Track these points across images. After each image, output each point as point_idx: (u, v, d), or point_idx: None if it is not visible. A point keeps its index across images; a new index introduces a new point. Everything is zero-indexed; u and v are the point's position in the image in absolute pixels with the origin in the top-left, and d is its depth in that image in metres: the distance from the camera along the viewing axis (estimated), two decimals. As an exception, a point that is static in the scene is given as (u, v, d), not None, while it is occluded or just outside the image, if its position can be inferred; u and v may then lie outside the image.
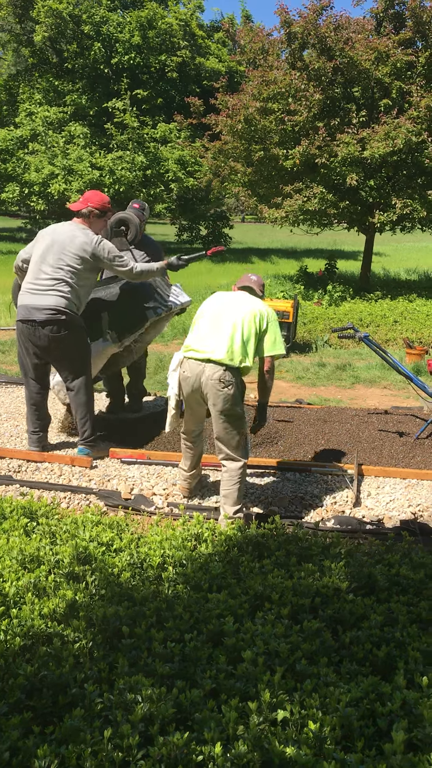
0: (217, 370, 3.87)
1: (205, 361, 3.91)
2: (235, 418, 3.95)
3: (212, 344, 3.94)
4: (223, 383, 3.86)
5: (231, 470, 3.99)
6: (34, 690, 2.17)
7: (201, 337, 4.01)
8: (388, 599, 2.88)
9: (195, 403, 4.08)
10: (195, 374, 3.93)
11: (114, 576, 2.98)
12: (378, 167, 13.23)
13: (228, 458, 4.01)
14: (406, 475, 4.76)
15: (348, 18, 13.46)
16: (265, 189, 14.54)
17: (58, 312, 4.66)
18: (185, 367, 4.00)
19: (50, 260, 4.73)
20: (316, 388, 7.98)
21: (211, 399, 3.90)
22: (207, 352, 3.92)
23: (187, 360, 4.00)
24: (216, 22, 30.28)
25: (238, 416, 3.97)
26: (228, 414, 3.91)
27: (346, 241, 33.02)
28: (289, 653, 2.38)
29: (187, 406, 4.17)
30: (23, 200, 24.03)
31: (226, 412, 3.90)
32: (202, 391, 3.94)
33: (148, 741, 1.96)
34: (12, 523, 3.57)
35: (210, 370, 3.88)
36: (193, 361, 3.95)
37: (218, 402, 3.88)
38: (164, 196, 24.05)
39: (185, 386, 4.03)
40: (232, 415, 3.93)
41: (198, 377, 3.92)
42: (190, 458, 4.38)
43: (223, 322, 3.99)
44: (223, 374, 3.87)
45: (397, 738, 1.90)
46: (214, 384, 3.87)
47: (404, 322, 11.40)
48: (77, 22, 24.28)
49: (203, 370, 3.90)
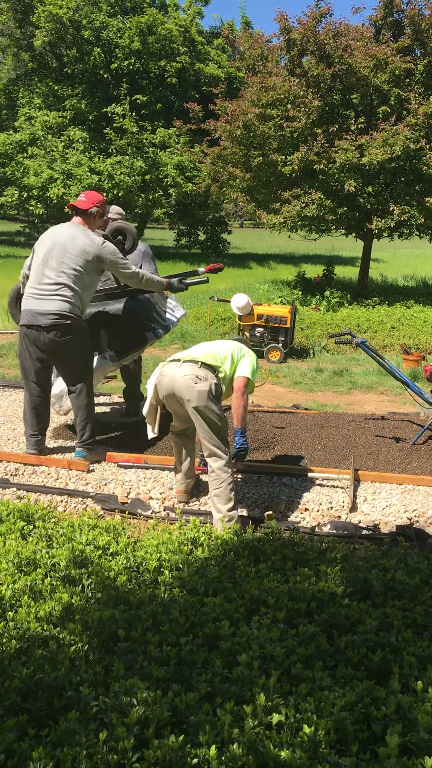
0: (192, 366, 4.04)
1: (183, 360, 4.11)
2: (210, 414, 3.99)
3: (191, 351, 4.26)
4: (197, 378, 3.98)
5: (216, 469, 4.04)
6: (29, 692, 2.17)
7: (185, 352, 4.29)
8: (383, 604, 2.88)
9: (175, 405, 4.19)
10: (171, 374, 4.07)
11: (110, 579, 2.98)
12: (376, 174, 13.29)
13: (210, 455, 4.06)
14: (403, 481, 4.77)
15: (347, 25, 13.54)
16: (264, 194, 14.60)
17: (62, 317, 4.66)
18: (164, 371, 4.16)
19: (52, 264, 4.71)
20: (313, 393, 7.99)
21: (186, 395, 3.97)
22: (187, 353, 4.22)
23: (168, 364, 4.18)
24: (216, 29, 30.39)
25: (213, 412, 4.01)
26: (202, 410, 3.97)
27: (344, 247, 33.12)
28: (285, 657, 2.39)
29: (169, 409, 4.30)
30: (22, 204, 24.05)
31: (200, 409, 3.96)
32: (176, 390, 4.04)
33: (143, 744, 1.96)
34: (9, 526, 3.58)
35: (185, 369, 4.04)
36: (173, 363, 4.14)
37: (192, 398, 3.95)
38: (163, 201, 24.10)
39: (161, 389, 4.14)
40: (206, 411, 3.97)
41: (173, 376, 4.04)
42: (180, 453, 4.45)
43: (205, 344, 4.37)
44: (197, 370, 4.02)
45: (392, 742, 1.90)
46: (188, 379, 3.97)
47: (401, 328, 11.43)
48: (77, 27, 24.35)
49: (179, 368, 4.06)
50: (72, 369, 4.89)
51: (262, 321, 9.70)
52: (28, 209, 24.16)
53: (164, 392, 4.12)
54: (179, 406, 4.15)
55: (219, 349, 4.27)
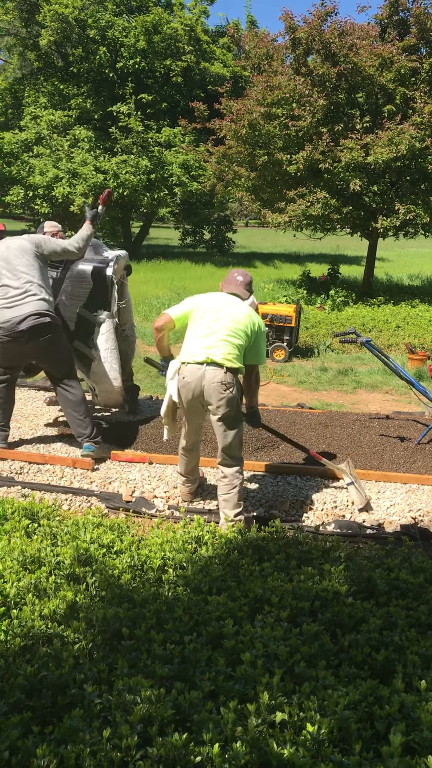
0: (218, 372, 3.85)
1: (205, 364, 3.88)
2: (236, 421, 3.96)
3: (211, 348, 3.90)
4: (225, 385, 3.85)
5: (229, 475, 3.99)
6: (33, 690, 2.18)
7: (198, 343, 3.95)
8: (387, 603, 2.88)
9: (194, 410, 4.04)
10: (195, 378, 3.89)
11: (114, 578, 2.99)
12: (381, 173, 13.27)
13: (226, 463, 4.00)
14: (407, 480, 4.77)
15: (352, 24, 13.53)
16: (269, 194, 14.59)
17: (41, 315, 4.73)
18: (184, 372, 3.94)
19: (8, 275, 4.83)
20: (317, 392, 7.99)
21: (214, 403, 3.87)
22: (206, 354, 3.89)
23: (186, 365, 3.94)
24: (221, 28, 30.34)
25: (239, 419, 3.99)
26: (229, 417, 3.91)
27: (349, 246, 33.03)
28: (288, 656, 2.39)
29: (187, 416, 4.09)
30: (27, 203, 24.06)
31: (227, 415, 3.89)
32: (203, 395, 3.90)
33: (146, 742, 1.97)
34: (13, 525, 3.59)
35: (211, 373, 3.85)
36: (193, 365, 3.90)
37: (221, 405, 3.86)
38: (168, 200, 24.07)
39: (185, 392, 3.96)
40: (233, 418, 3.93)
41: (199, 381, 3.88)
42: (187, 464, 4.39)
43: (220, 328, 3.95)
44: (224, 376, 3.85)
45: (395, 741, 1.90)
46: (217, 387, 3.84)
47: (407, 328, 11.41)
48: (83, 27, 24.34)
49: (203, 373, 3.87)
50: (59, 366, 5.00)
51: (267, 320, 9.68)
52: (34, 208, 24.17)
53: (188, 396, 3.95)
54: (199, 413, 4.05)
55: (232, 339, 3.93)
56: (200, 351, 3.91)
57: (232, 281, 4.23)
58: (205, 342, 3.93)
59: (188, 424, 4.14)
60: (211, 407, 3.90)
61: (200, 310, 4.05)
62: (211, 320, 3.98)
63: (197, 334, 3.99)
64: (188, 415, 4.08)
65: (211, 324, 3.97)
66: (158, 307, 13.16)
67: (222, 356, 3.87)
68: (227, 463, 4.00)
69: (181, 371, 3.97)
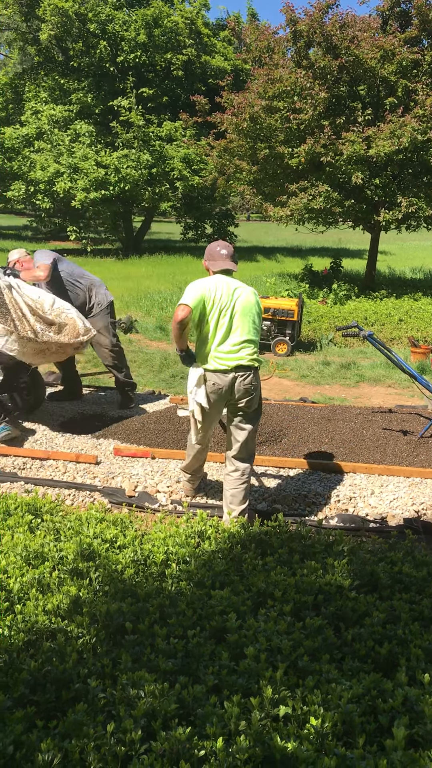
0: (248, 375, 3.89)
1: (235, 369, 3.86)
2: (257, 416, 4.04)
3: (237, 351, 3.88)
4: (253, 386, 3.92)
5: (241, 469, 4.01)
6: (37, 685, 2.18)
7: (222, 347, 3.88)
8: (390, 597, 2.88)
9: (217, 411, 4.02)
10: (226, 383, 3.86)
11: (118, 572, 2.99)
12: (383, 165, 13.22)
13: (241, 457, 4.02)
14: (410, 474, 4.77)
15: (354, 16, 13.45)
16: (271, 187, 14.54)
17: None
18: (213, 379, 3.87)
19: None
20: (320, 386, 7.98)
21: (244, 403, 3.90)
22: (234, 359, 3.87)
23: (214, 373, 3.87)
24: (222, 21, 30.22)
25: (260, 413, 4.07)
26: (255, 415, 3.99)
27: (352, 239, 32.99)
28: (292, 650, 2.39)
29: (210, 417, 4.04)
30: (29, 198, 24.06)
31: (253, 413, 3.97)
32: (234, 397, 3.89)
33: (150, 736, 1.97)
34: (17, 520, 3.59)
35: (241, 377, 3.87)
36: (221, 373, 3.86)
37: (251, 404, 3.93)
38: (169, 195, 24.04)
39: (215, 397, 3.91)
40: (256, 412, 4.01)
41: (230, 385, 3.87)
42: (196, 461, 4.38)
43: (239, 326, 3.90)
44: (253, 378, 3.91)
45: (399, 734, 1.90)
46: (247, 388, 3.88)
47: (409, 321, 11.39)
48: (83, 21, 24.26)
49: (235, 377, 3.87)
50: None
51: (269, 314, 9.68)
52: (35, 203, 24.17)
53: (217, 399, 3.91)
54: (219, 413, 4.04)
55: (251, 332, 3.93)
56: (226, 356, 3.87)
57: (218, 257, 4.07)
58: (230, 345, 3.87)
59: (207, 424, 4.09)
60: (240, 404, 3.93)
61: (212, 300, 3.87)
62: (228, 316, 3.88)
63: (218, 336, 3.88)
64: (211, 415, 4.03)
65: (229, 321, 3.88)
66: (160, 302, 13.16)
67: (249, 359, 3.89)
68: (242, 457, 4.02)
69: (209, 378, 3.88)
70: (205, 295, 3.86)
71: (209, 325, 3.87)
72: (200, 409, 3.95)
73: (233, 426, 4.00)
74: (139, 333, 10.84)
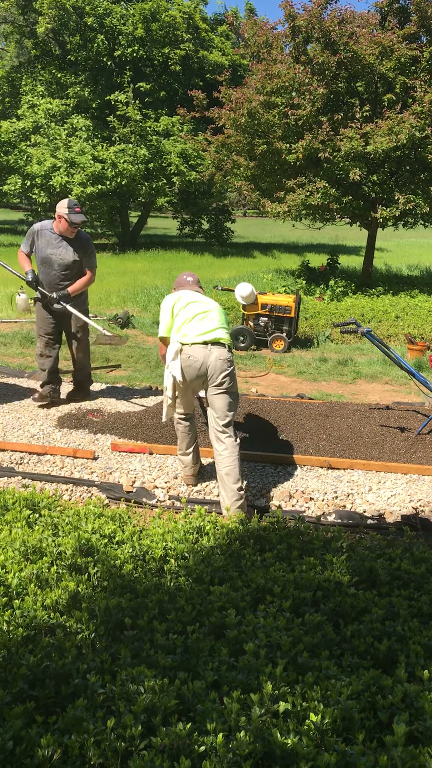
0: (224, 350, 4.13)
1: (212, 343, 4.12)
2: (235, 394, 4.20)
3: (214, 330, 4.18)
4: (229, 362, 4.13)
5: (231, 446, 4.08)
6: (36, 680, 2.18)
7: (196, 326, 4.19)
8: (389, 593, 2.89)
9: (194, 387, 4.25)
10: (201, 357, 4.09)
11: (116, 568, 2.99)
12: (381, 162, 13.22)
13: (226, 434, 4.11)
14: (408, 471, 4.77)
15: (352, 12, 13.43)
16: (268, 183, 14.53)
17: None
18: (189, 352, 4.11)
19: None
20: (317, 383, 7.98)
21: (219, 378, 4.07)
22: (210, 335, 4.14)
23: (191, 346, 4.12)
24: (220, 15, 30.16)
25: (237, 392, 4.23)
26: (231, 390, 4.14)
27: (349, 236, 32.97)
28: (291, 646, 2.39)
29: (185, 392, 4.29)
30: (25, 193, 23.94)
31: (230, 389, 4.12)
32: (208, 373, 4.08)
33: (150, 731, 1.97)
34: (15, 515, 3.58)
35: (217, 351, 4.10)
36: (198, 346, 4.11)
37: (226, 380, 4.09)
38: (166, 190, 23.98)
39: (189, 371, 4.13)
40: (233, 392, 4.17)
41: (205, 359, 4.07)
42: (188, 438, 4.50)
43: (209, 313, 4.27)
44: (228, 354, 4.15)
45: (398, 730, 1.91)
46: (223, 363, 4.08)
47: (406, 318, 11.39)
48: (80, 14, 24.16)
49: (210, 351, 4.10)
50: None
51: (266, 310, 9.67)
52: (31, 198, 24.06)
53: (192, 374, 4.13)
54: (198, 386, 4.23)
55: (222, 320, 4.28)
56: (203, 333, 4.15)
57: (184, 283, 4.58)
58: (205, 325, 4.20)
59: (183, 399, 4.35)
60: (215, 382, 4.09)
61: (181, 302, 4.33)
62: (201, 309, 4.28)
63: (194, 320, 4.23)
64: (185, 391, 4.29)
65: (202, 311, 4.27)
66: (157, 297, 13.13)
67: (225, 337, 4.20)
68: (228, 433, 4.11)
69: (184, 351, 4.13)
70: (173, 303, 4.34)
71: (184, 315, 4.26)
72: (173, 383, 4.20)
73: (213, 402, 4.14)
74: (136, 328, 10.82)
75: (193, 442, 4.53)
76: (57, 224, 5.73)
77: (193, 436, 4.52)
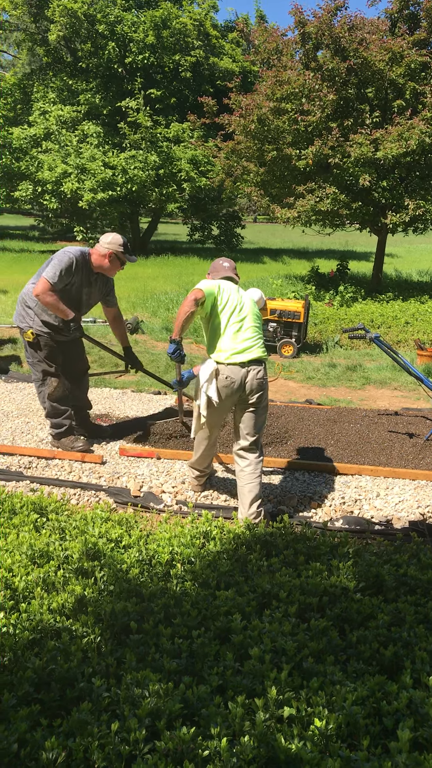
0: (260, 368, 4.03)
1: (249, 363, 3.97)
2: (266, 410, 4.13)
3: (248, 348, 4.01)
4: (265, 380, 4.05)
5: (254, 462, 4.06)
6: (42, 683, 2.19)
7: (232, 342, 3.99)
8: (395, 599, 2.88)
9: (228, 407, 4.08)
10: (239, 377, 3.94)
11: (123, 572, 2.99)
12: (391, 168, 13.21)
13: (253, 449, 4.07)
14: (416, 476, 4.76)
15: (362, 18, 13.47)
16: (278, 189, 14.55)
17: None
18: (226, 372, 3.94)
19: None
20: (326, 388, 7.97)
21: (256, 396, 3.99)
22: (247, 353, 3.98)
23: (227, 366, 3.95)
24: (230, 22, 30.28)
25: (267, 407, 4.16)
26: (265, 406, 4.10)
27: (358, 242, 32.96)
28: (296, 651, 2.39)
29: (220, 412, 4.10)
30: (36, 199, 24.12)
31: (264, 404, 4.08)
32: (245, 391, 3.97)
33: (154, 735, 1.97)
34: (22, 519, 3.60)
35: (255, 371, 3.98)
36: (236, 367, 3.94)
37: (263, 397, 4.03)
38: (176, 196, 24.08)
39: (227, 391, 3.96)
40: (265, 407, 4.11)
41: (242, 379, 3.95)
42: (209, 460, 4.46)
43: (244, 321, 4.06)
44: (264, 371, 4.06)
45: (403, 736, 1.90)
46: (260, 382, 4.00)
47: (416, 324, 11.37)
48: (92, 22, 24.32)
49: (248, 371, 3.96)
50: None
51: (275, 316, 9.67)
52: (42, 204, 24.22)
53: (229, 393, 3.97)
54: (229, 409, 4.11)
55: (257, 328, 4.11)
56: (240, 351, 3.98)
57: (220, 269, 4.33)
58: (241, 341, 4.00)
59: (214, 419, 4.16)
60: (250, 400, 4.01)
61: (222, 296, 4.06)
62: (238, 312, 4.06)
63: (230, 329, 4.02)
64: (221, 411, 4.11)
65: (240, 317, 4.05)
66: (166, 303, 13.16)
67: (260, 353, 4.05)
68: (254, 449, 4.08)
69: (221, 372, 3.95)
70: (216, 290, 4.06)
71: (220, 319, 4.03)
72: (207, 404, 4.02)
73: (244, 419, 4.04)
74: (146, 334, 10.85)
75: (211, 460, 4.50)
76: (100, 260, 4.89)
77: (211, 457, 4.46)
